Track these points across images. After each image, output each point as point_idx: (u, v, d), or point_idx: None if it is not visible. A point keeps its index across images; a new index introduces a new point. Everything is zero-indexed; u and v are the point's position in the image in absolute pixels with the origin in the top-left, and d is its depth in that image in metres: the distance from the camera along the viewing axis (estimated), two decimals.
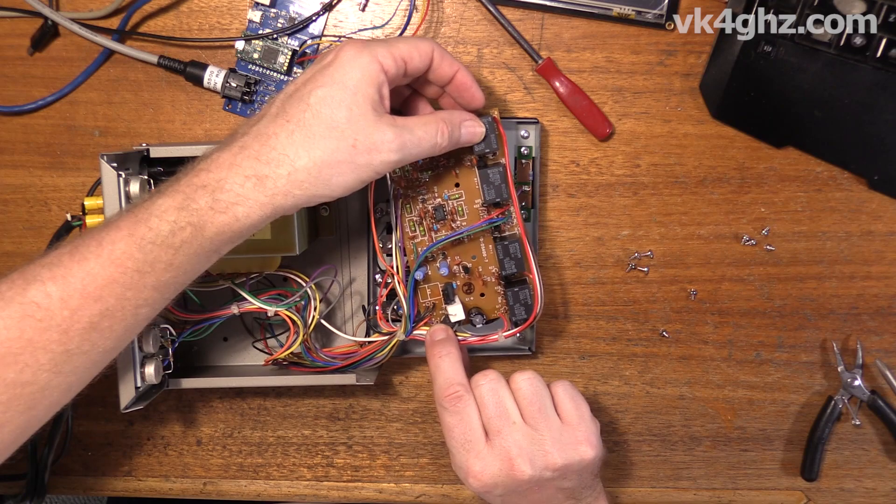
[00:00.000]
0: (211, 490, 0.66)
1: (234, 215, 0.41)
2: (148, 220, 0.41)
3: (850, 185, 0.58)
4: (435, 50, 0.47)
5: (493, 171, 0.51)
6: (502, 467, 0.46)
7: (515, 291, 0.53)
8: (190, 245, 0.41)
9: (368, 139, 0.42)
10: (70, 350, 0.40)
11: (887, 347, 0.60)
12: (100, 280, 0.40)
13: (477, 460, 0.47)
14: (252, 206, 0.41)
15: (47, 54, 0.59)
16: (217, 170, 0.41)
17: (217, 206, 0.41)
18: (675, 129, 0.58)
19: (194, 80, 0.58)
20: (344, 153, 0.42)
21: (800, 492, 0.64)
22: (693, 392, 0.62)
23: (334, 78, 0.43)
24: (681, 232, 0.60)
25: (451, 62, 0.47)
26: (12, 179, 0.61)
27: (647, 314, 0.61)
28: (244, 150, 0.42)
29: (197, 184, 0.41)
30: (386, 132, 0.43)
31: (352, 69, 0.43)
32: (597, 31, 0.57)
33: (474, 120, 0.49)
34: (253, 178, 0.41)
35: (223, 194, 0.41)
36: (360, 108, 0.42)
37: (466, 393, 0.48)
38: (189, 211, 0.41)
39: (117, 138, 0.60)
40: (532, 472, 0.46)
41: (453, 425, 0.47)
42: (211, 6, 0.58)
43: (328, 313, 0.59)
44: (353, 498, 0.66)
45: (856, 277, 0.60)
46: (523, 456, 0.46)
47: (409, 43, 0.46)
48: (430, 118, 0.47)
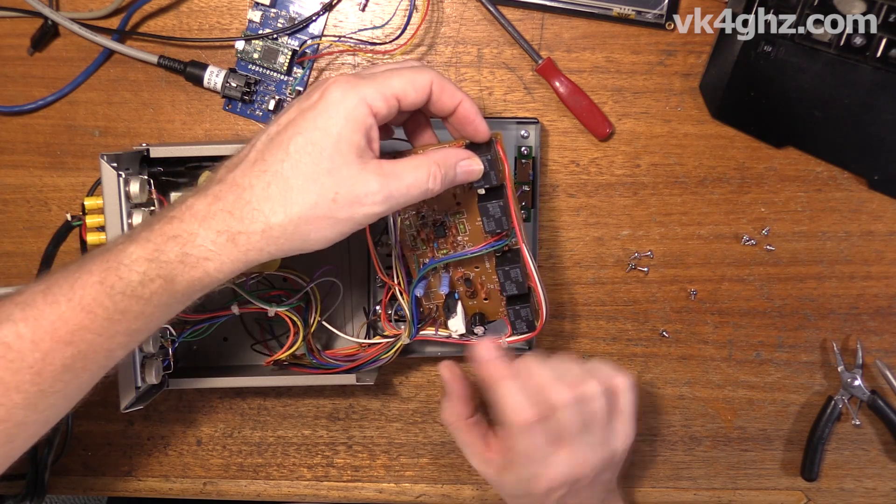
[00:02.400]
0: (211, 490, 0.66)
1: (204, 270, 0.40)
2: (118, 269, 0.39)
3: (850, 185, 0.58)
4: (434, 82, 0.43)
5: (494, 205, 0.47)
6: (571, 471, 0.46)
7: (517, 309, 0.51)
8: (160, 296, 0.40)
9: (351, 192, 0.39)
10: (44, 390, 0.40)
11: (887, 347, 0.60)
12: (71, 325, 0.39)
13: (551, 468, 0.46)
14: (224, 261, 0.39)
15: (47, 54, 0.59)
16: (190, 220, 0.39)
17: (187, 260, 0.39)
18: (675, 129, 0.58)
19: (194, 80, 0.58)
20: (323, 208, 0.39)
21: (800, 492, 0.64)
22: (693, 392, 0.62)
23: (317, 123, 0.40)
24: (681, 232, 0.60)
25: (453, 94, 0.44)
26: (12, 179, 0.61)
27: (647, 314, 0.61)
28: (218, 202, 0.39)
29: (168, 233, 0.39)
30: (370, 182, 0.40)
31: (337, 113, 0.40)
32: (597, 31, 0.57)
33: (472, 158, 0.45)
34: (225, 233, 0.39)
35: (194, 249, 0.39)
36: (344, 156, 0.39)
37: (547, 411, 0.46)
38: (159, 263, 0.39)
39: (117, 138, 0.60)
40: (593, 471, 0.47)
41: (530, 447, 0.46)
42: (211, 6, 0.58)
43: (329, 314, 0.59)
44: (353, 498, 0.66)
45: (856, 277, 0.60)
46: (592, 460, 0.47)
47: (405, 77, 0.42)
48: (422, 161, 0.42)
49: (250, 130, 0.60)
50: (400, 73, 0.42)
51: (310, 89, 0.42)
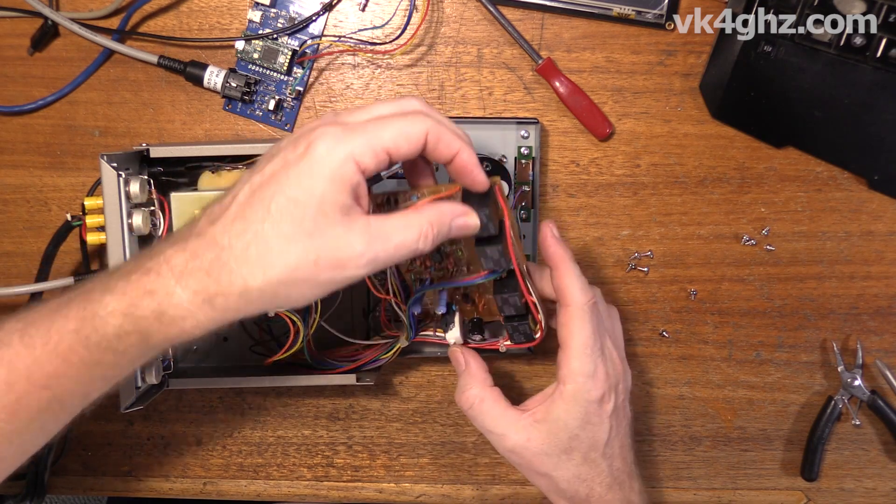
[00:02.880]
0: (211, 490, 0.66)
1: (181, 328, 0.38)
2: (94, 320, 0.38)
3: (850, 185, 0.58)
4: (429, 133, 0.40)
5: (493, 249, 0.45)
6: (614, 369, 0.49)
7: (515, 325, 0.50)
8: (135, 349, 0.39)
9: (333, 256, 0.37)
10: (19, 429, 0.40)
11: (887, 347, 0.60)
12: (46, 370, 0.39)
13: (600, 367, 0.47)
14: (200, 320, 0.38)
15: (47, 54, 0.59)
16: (167, 275, 0.38)
17: (163, 318, 0.38)
18: (675, 129, 0.58)
19: (194, 80, 0.58)
20: (304, 272, 0.37)
21: (800, 492, 0.64)
22: (693, 392, 0.62)
23: (301, 183, 0.37)
24: (681, 232, 0.60)
25: (450, 143, 0.40)
26: (12, 179, 0.61)
27: (647, 314, 0.61)
28: (196, 259, 0.37)
29: (145, 287, 0.38)
30: (355, 245, 0.37)
31: (321, 172, 0.37)
32: (597, 31, 0.57)
33: (468, 215, 0.42)
34: (202, 294, 0.37)
35: (170, 308, 0.38)
36: (327, 218, 0.37)
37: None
38: (135, 318, 0.38)
39: (117, 138, 0.60)
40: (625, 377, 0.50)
41: (590, 335, 0.47)
42: (211, 6, 0.58)
43: (328, 314, 0.59)
44: (353, 498, 0.66)
45: (856, 277, 0.60)
46: (621, 368, 0.50)
47: (397, 128, 0.39)
48: (414, 218, 0.39)
49: (250, 131, 0.60)
50: (392, 122, 0.39)
51: (296, 135, 0.39)
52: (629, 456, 0.50)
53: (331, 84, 0.59)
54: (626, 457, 0.49)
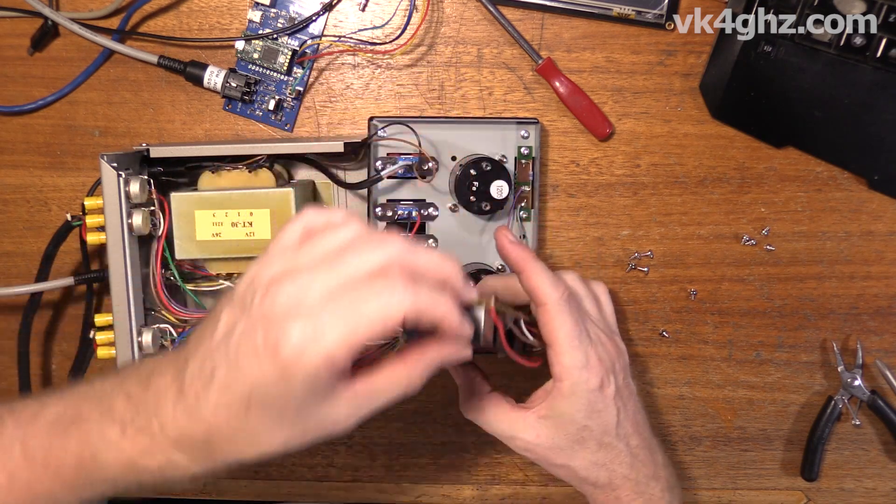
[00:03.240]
0: (211, 490, 0.66)
1: (182, 478, 0.40)
2: (95, 459, 0.39)
3: (850, 185, 0.58)
4: (408, 312, 0.35)
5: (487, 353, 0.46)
6: (605, 350, 0.49)
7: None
8: (134, 486, 0.41)
9: (320, 426, 0.38)
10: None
11: (887, 347, 0.60)
12: (45, 486, 0.40)
13: (592, 350, 0.47)
14: (187, 469, 0.39)
15: (47, 54, 0.59)
16: (163, 442, 0.38)
17: (166, 473, 0.39)
18: (675, 129, 0.58)
19: (194, 80, 0.58)
20: (293, 443, 0.38)
21: (800, 492, 0.64)
22: (693, 392, 0.62)
23: (278, 387, 0.35)
24: (681, 232, 0.60)
25: (433, 316, 0.37)
26: (12, 179, 0.61)
27: (647, 314, 0.61)
28: (189, 427, 0.38)
29: (143, 447, 0.39)
30: (340, 412, 0.37)
31: (297, 378, 0.35)
32: (597, 31, 0.57)
33: (458, 353, 0.40)
34: (201, 460, 0.39)
35: (168, 468, 0.39)
36: (309, 403, 0.36)
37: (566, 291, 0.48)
38: (136, 472, 0.39)
39: (117, 138, 0.60)
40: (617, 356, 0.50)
41: (572, 326, 0.46)
42: (211, 6, 0.58)
43: None
44: (353, 498, 0.66)
45: (856, 277, 0.60)
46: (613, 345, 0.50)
47: (375, 313, 0.35)
48: (401, 370, 0.38)
49: (250, 131, 0.60)
50: (369, 303, 0.35)
51: (253, 306, 0.37)
52: (645, 431, 0.50)
53: (331, 84, 0.59)
54: (641, 433, 0.49)
